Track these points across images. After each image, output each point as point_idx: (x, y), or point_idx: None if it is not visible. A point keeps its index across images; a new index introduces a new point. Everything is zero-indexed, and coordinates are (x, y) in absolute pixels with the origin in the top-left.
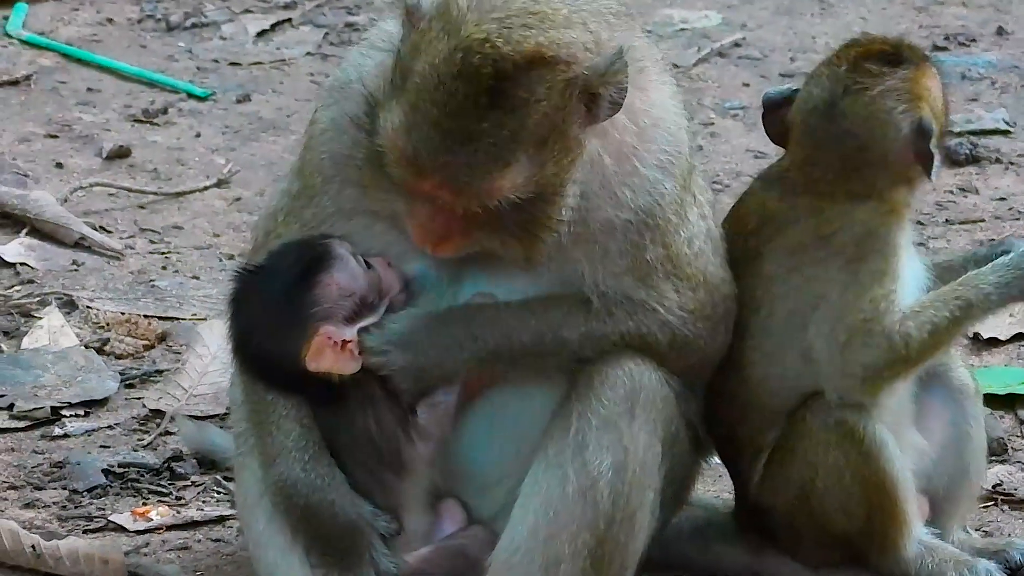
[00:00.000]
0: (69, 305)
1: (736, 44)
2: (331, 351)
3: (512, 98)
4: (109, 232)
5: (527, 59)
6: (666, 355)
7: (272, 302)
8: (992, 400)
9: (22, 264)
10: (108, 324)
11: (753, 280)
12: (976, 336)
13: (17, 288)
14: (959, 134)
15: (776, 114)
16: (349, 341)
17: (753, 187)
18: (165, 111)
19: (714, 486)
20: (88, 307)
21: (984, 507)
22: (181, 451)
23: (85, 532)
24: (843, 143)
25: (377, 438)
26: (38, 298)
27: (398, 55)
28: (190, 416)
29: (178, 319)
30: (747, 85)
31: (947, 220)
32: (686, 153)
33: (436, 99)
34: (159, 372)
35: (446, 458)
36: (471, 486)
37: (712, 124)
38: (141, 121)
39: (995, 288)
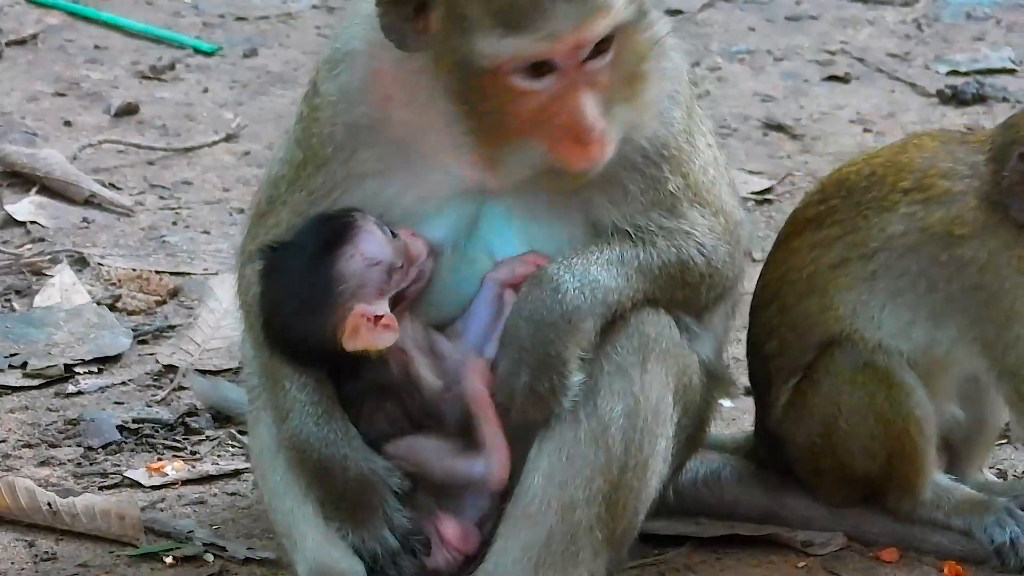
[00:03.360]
0: (80, 262)
1: None
2: (366, 329)
3: None
4: (119, 189)
5: None
6: (701, 283)
7: (299, 280)
8: None
9: (32, 222)
10: (120, 281)
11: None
12: None
13: (28, 246)
14: (965, 73)
15: None
16: (382, 316)
17: (931, 139)
18: (172, 67)
19: (728, 429)
20: (99, 264)
21: (998, 444)
22: (195, 406)
23: (101, 488)
24: None
25: (381, 420)
26: (49, 256)
27: (443, 19)
28: (203, 371)
29: (189, 274)
30: (753, 30)
31: None
32: (687, 82)
33: None
34: (171, 327)
35: None
36: None
37: (719, 69)
38: (149, 78)
39: None
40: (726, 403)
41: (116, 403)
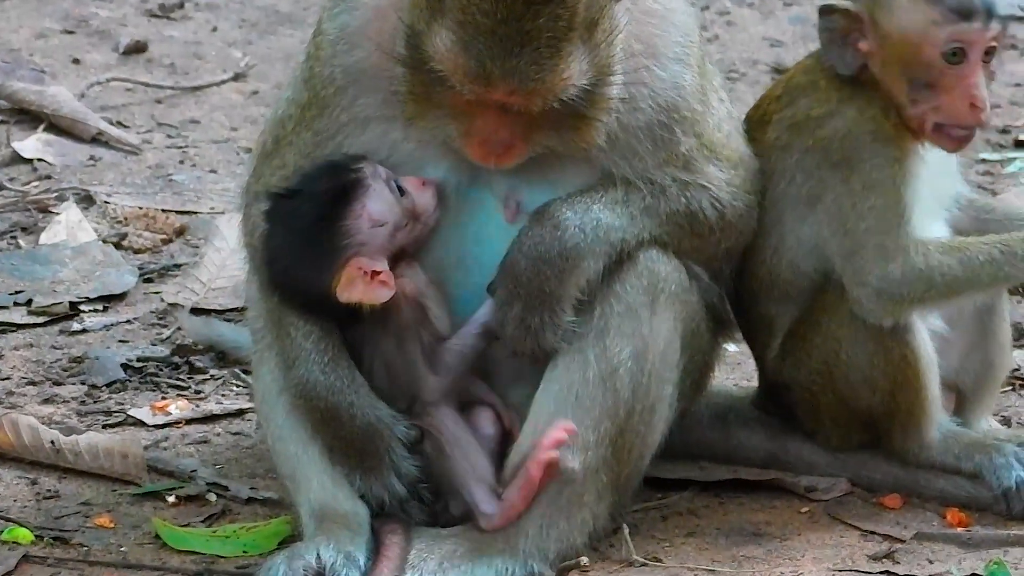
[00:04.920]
0: (87, 200)
1: None
2: (362, 282)
3: None
4: (126, 127)
5: None
6: (711, 236)
7: (304, 230)
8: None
9: (39, 160)
10: (126, 219)
11: (759, 147)
12: None
13: (35, 184)
14: None
15: None
16: (380, 272)
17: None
18: (182, 5)
19: (733, 374)
20: (106, 202)
21: (1003, 392)
22: (199, 345)
23: (104, 427)
24: None
25: (395, 362)
26: (56, 193)
27: None
28: (208, 310)
29: (196, 213)
30: None
31: None
32: (697, 41)
33: (486, 9)
34: (177, 266)
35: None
36: (499, 375)
37: (728, 13)
38: (157, 16)
39: None
40: (730, 347)
41: (121, 341)
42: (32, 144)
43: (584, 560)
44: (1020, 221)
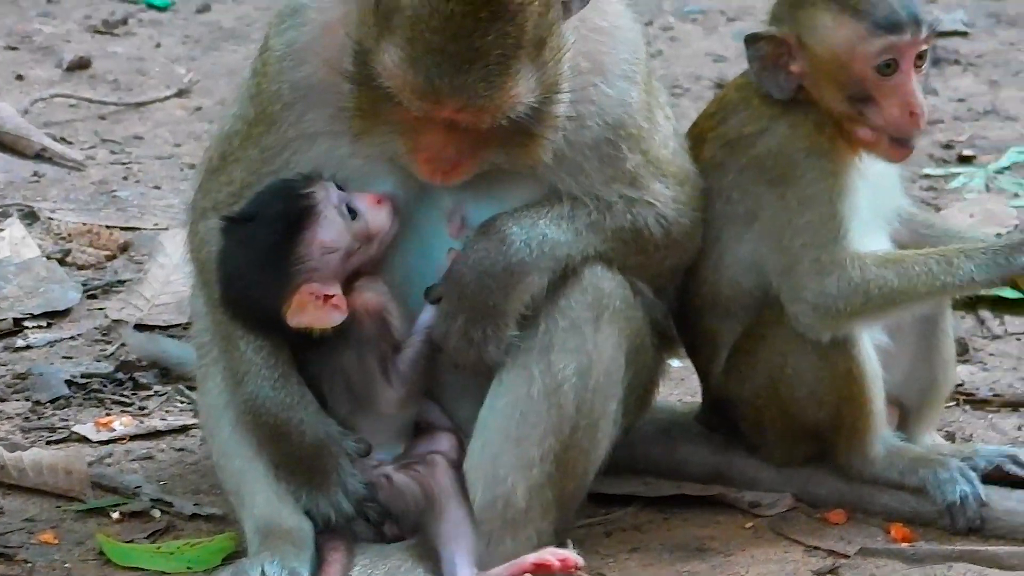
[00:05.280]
0: (31, 216)
1: None
2: (313, 306)
3: (508, 5)
4: (70, 143)
5: None
6: (657, 253)
7: (257, 256)
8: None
9: None
10: (70, 235)
11: (697, 166)
12: None
13: None
14: None
15: None
16: (332, 295)
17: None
18: (125, 21)
19: (677, 389)
20: (50, 218)
21: (947, 407)
22: (142, 361)
23: (48, 443)
24: None
25: (354, 376)
26: (0, 209)
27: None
28: (152, 326)
29: (140, 229)
30: None
31: None
32: (644, 59)
33: (434, 26)
34: (121, 282)
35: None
36: (446, 393)
37: (671, 28)
38: (101, 32)
39: (984, 265)
40: (675, 363)
41: (65, 358)
42: None
43: None
44: (958, 239)
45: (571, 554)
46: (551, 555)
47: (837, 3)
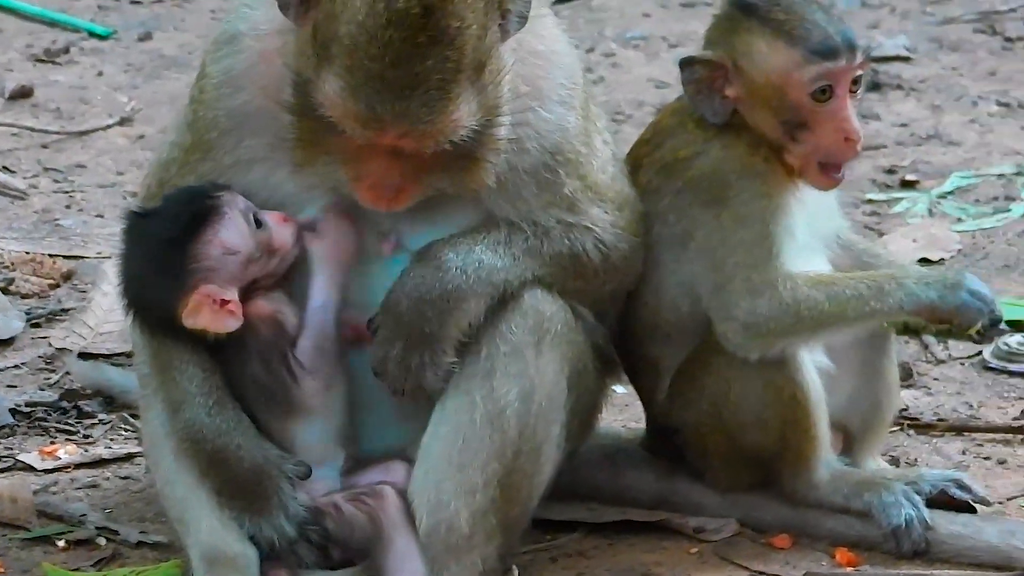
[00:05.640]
0: None
1: None
2: (209, 310)
3: (447, 29)
4: (12, 172)
5: None
6: (596, 278)
7: (155, 253)
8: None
9: None
10: (13, 264)
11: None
12: None
13: None
14: None
15: None
16: (229, 301)
17: (674, 101)
18: (67, 50)
19: (621, 415)
20: None
21: (891, 432)
22: (87, 389)
23: None
24: None
25: (266, 383)
26: None
27: (313, 28)
28: (96, 355)
29: (83, 257)
30: (648, 15)
31: None
32: (581, 84)
33: (373, 54)
34: (65, 311)
35: (351, 394)
36: (380, 420)
37: (614, 55)
38: (43, 61)
39: (914, 295)
40: (619, 389)
41: (9, 386)
42: None
43: None
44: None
45: None
46: None
47: (772, 29)
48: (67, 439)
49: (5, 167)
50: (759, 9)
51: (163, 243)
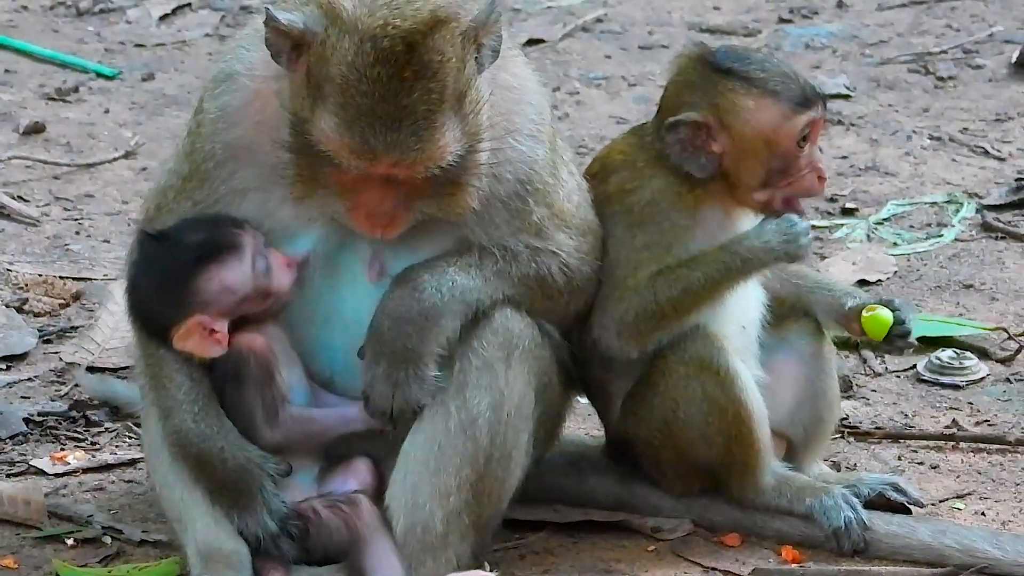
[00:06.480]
0: None
1: (599, 20)
2: (199, 336)
3: (430, 64)
4: (26, 201)
5: (428, 26)
6: (561, 299)
7: (161, 278)
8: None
9: None
10: (27, 285)
11: None
12: None
13: None
14: None
15: None
16: (217, 331)
17: (621, 136)
18: (77, 89)
19: (585, 423)
20: (8, 270)
21: (833, 439)
22: (94, 400)
23: (8, 476)
24: None
25: (232, 409)
26: None
27: (307, 71)
28: (102, 368)
29: (91, 279)
30: (609, 57)
31: None
32: (549, 119)
33: (364, 90)
34: (74, 328)
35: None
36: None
37: (578, 93)
38: (55, 99)
39: (757, 250)
40: (582, 399)
41: (23, 398)
42: None
43: None
44: (827, 290)
45: (487, 575)
46: None
47: (756, 88)
48: (76, 446)
49: (20, 196)
50: (737, 71)
51: (170, 271)
